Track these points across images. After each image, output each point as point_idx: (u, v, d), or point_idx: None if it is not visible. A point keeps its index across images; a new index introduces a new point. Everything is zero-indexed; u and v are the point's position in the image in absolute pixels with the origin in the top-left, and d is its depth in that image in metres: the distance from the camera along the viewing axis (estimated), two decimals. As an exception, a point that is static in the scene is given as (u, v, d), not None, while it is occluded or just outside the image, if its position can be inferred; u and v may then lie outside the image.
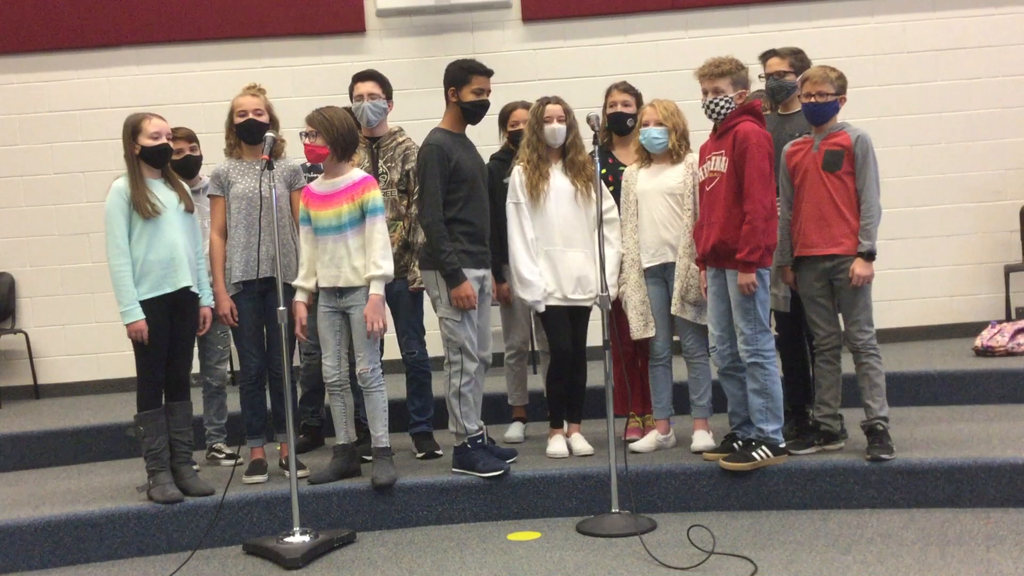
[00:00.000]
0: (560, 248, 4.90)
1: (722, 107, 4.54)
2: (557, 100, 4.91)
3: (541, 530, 4.50)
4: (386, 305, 4.74)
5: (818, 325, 4.67)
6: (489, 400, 4.95)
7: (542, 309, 4.90)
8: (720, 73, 4.52)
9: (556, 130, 4.88)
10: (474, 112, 4.84)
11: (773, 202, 4.50)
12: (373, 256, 4.55)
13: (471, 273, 4.71)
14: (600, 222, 4.52)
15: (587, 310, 5.02)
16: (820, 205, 4.57)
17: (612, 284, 4.85)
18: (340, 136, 4.57)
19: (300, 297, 4.68)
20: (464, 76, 4.80)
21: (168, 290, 4.51)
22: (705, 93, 4.58)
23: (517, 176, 4.91)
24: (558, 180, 4.91)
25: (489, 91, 4.86)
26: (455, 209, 4.72)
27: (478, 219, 4.79)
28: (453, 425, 4.76)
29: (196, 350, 5.05)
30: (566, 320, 4.94)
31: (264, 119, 4.89)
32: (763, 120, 4.65)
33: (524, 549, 4.27)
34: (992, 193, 7.39)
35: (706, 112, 4.60)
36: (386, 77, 5.24)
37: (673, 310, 4.85)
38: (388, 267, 4.57)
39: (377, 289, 4.57)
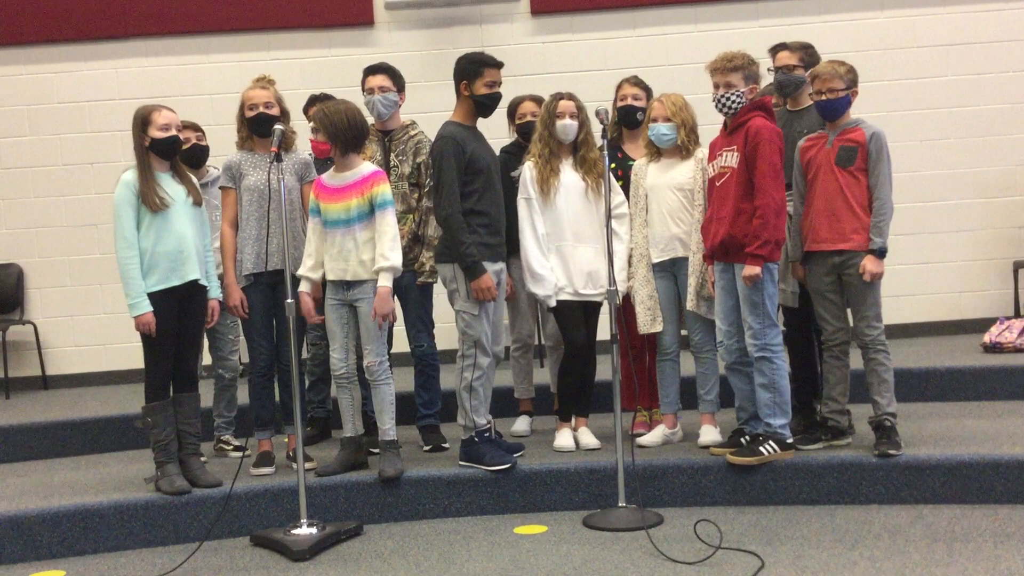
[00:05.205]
0: (571, 244, 4.90)
1: (734, 102, 4.53)
2: (570, 96, 4.90)
3: (548, 524, 4.51)
4: (395, 297, 4.74)
5: (826, 320, 4.66)
6: (495, 394, 4.95)
7: (553, 304, 4.89)
8: (732, 67, 4.51)
9: (567, 126, 4.87)
10: (487, 105, 4.83)
11: (783, 198, 4.50)
12: (381, 248, 4.55)
13: (489, 266, 4.69)
14: (608, 217, 4.51)
15: (598, 305, 5.01)
16: (831, 200, 4.56)
17: (621, 279, 4.84)
18: (340, 131, 4.56)
19: (304, 287, 4.67)
20: (476, 69, 4.79)
21: (176, 283, 4.52)
22: (716, 87, 4.57)
23: (528, 171, 4.91)
24: (568, 176, 4.91)
25: (500, 83, 4.85)
26: (471, 201, 4.70)
27: (494, 210, 4.78)
28: (462, 418, 4.76)
29: (206, 342, 5.05)
30: (579, 315, 4.93)
31: (274, 112, 4.89)
32: (774, 116, 4.64)
33: (531, 542, 4.28)
34: (1001, 189, 7.37)
35: (717, 106, 4.59)
36: (398, 70, 5.23)
37: (688, 305, 4.83)
38: (396, 259, 4.57)
39: (385, 281, 4.56)
